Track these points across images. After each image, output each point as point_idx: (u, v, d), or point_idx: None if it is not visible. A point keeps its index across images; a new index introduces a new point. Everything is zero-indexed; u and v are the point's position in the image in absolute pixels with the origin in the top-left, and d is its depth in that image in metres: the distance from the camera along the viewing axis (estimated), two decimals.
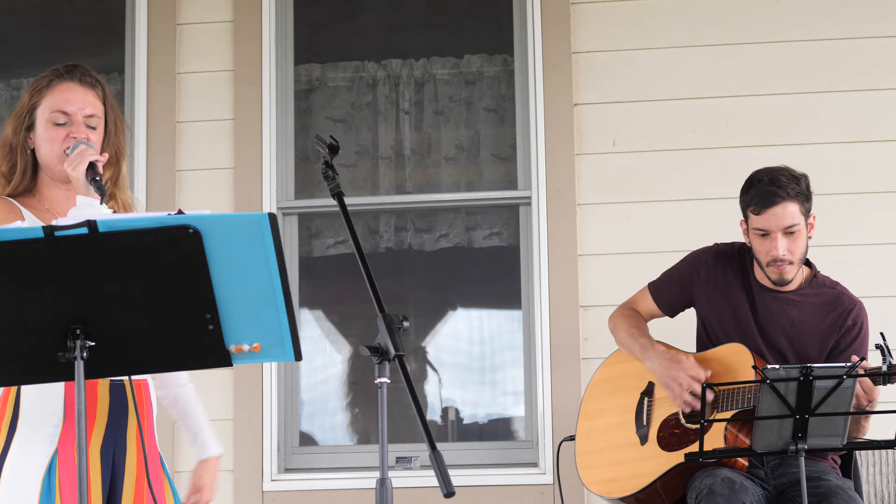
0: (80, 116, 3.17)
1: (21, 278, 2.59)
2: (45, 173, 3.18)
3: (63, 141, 3.13)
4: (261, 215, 2.62)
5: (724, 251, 4.28)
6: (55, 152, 3.14)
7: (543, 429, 5.00)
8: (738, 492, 3.83)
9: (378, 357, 2.73)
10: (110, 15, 5.49)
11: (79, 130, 3.14)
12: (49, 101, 3.16)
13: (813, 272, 4.20)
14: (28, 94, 3.19)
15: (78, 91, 3.18)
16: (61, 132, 3.14)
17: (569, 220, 5.08)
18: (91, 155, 3.05)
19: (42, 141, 3.16)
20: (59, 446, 3.05)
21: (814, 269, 4.21)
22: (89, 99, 3.19)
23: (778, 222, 4.02)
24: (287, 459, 5.16)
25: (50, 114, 3.15)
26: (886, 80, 5.02)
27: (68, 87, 3.17)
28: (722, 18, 5.12)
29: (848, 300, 4.15)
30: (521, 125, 5.24)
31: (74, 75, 3.19)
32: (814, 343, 4.13)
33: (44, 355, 2.64)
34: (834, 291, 4.17)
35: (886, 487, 4.68)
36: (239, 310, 2.66)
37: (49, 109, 3.16)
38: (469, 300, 5.52)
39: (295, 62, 5.41)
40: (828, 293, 4.17)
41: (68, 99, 3.16)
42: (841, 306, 4.14)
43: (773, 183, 4.03)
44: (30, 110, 3.17)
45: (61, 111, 3.15)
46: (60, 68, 3.21)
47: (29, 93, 3.19)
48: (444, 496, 2.57)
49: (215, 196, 5.21)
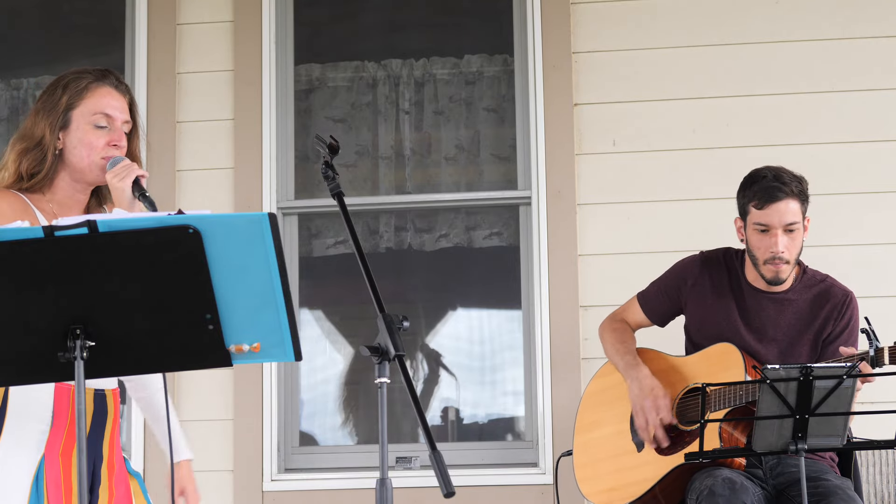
0: (119, 122, 3.18)
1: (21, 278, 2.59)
2: (70, 175, 3.17)
3: (104, 147, 3.14)
4: (261, 215, 2.62)
5: (710, 258, 4.29)
6: (93, 157, 3.14)
7: (543, 429, 5.00)
8: (738, 492, 3.84)
9: (378, 357, 2.73)
10: (110, 15, 5.49)
11: (120, 137, 3.15)
12: (90, 103, 3.15)
13: (802, 269, 4.22)
14: (62, 92, 3.15)
15: (116, 96, 3.18)
16: (102, 137, 3.14)
17: (569, 220, 5.08)
18: (138, 170, 3.08)
19: (79, 143, 3.14)
20: (46, 452, 3.06)
21: (802, 265, 4.22)
22: (125, 106, 3.20)
23: (780, 218, 4.04)
24: (287, 459, 5.16)
25: (92, 116, 3.14)
26: (886, 80, 5.02)
27: (108, 92, 3.17)
28: (722, 18, 5.12)
29: (839, 291, 4.17)
30: (521, 125, 5.24)
31: (111, 80, 3.19)
32: (809, 339, 4.13)
33: (44, 355, 2.64)
34: (824, 284, 4.20)
35: (886, 487, 4.68)
36: (239, 310, 2.66)
37: (91, 112, 3.14)
38: (469, 300, 5.52)
39: (295, 62, 5.41)
40: (818, 287, 4.19)
41: (111, 104, 3.16)
42: (834, 298, 4.16)
43: (776, 179, 4.05)
44: (66, 109, 3.14)
45: (105, 114, 3.15)
46: (96, 72, 3.19)
47: (64, 92, 3.15)
48: (444, 496, 2.57)
49: (215, 196, 5.21)
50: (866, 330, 3.80)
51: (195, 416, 5.10)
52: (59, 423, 3.08)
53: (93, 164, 3.14)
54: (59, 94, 3.14)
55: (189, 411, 5.12)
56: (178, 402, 5.11)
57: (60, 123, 3.14)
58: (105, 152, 3.14)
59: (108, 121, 3.15)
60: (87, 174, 3.16)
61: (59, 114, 3.13)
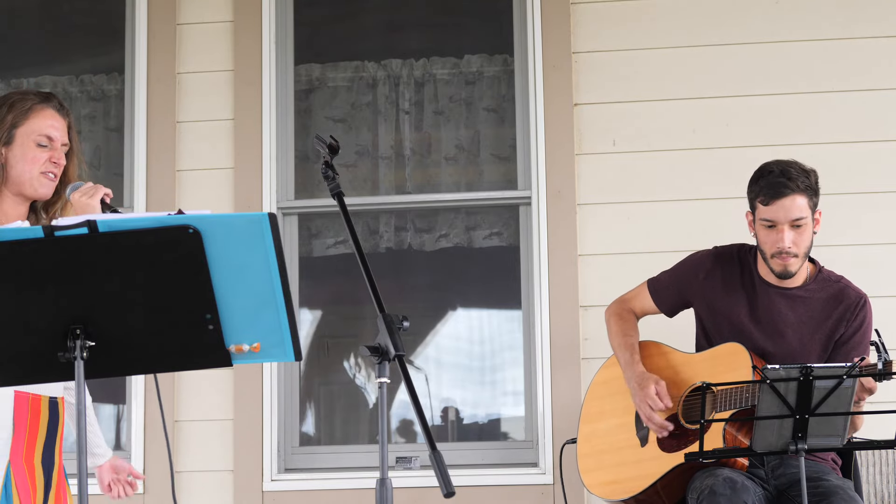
0: (58, 143, 3.35)
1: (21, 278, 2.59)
2: (10, 189, 3.32)
3: (44, 163, 3.32)
4: (261, 215, 2.62)
5: (724, 253, 4.28)
6: (34, 172, 3.31)
7: (543, 429, 5.00)
8: (739, 491, 3.83)
9: (378, 357, 2.73)
10: (110, 15, 5.49)
11: (60, 157, 3.34)
12: (34, 123, 3.33)
13: (818, 268, 4.21)
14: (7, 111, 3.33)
15: (58, 118, 3.37)
16: (43, 154, 3.32)
17: (569, 220, 5.08)
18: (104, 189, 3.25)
19: (21, 159, 3.31)
20: (11, 458, 3.16)
21: (818, 265, 4.22)
22: (65, 128, 3.38)
23: (786, 214, 4.03)
24: (287, 459, 5.16)
25: (37, 136, 3.32)
26: (886, 80, 5.02)
27: (51, 115, 3.36)
28: (722, 18, 5.12)
29: (854, 293, 4.17)
30: (521, 125, 5.24)
31: (54, 103, 3.38)
32: (820, 338, 4.13)
33: (44, 355, 2.64)
34: (839, 285, 4.19)
35: (886, 487, 4.68)
36: (239, 310, 2.66)
37: (35, 132, 3.32)
38: (469, 300, 5.52)
39: (295, 62, 5.41)
40: (833, 287, 4.18)
41: (53, 125, 3.35)
42: (847, 299, 4.15)
43: (783, 175, 4.04)
44: (11, 127, 3.32)
45: (47, 136, 3.33)
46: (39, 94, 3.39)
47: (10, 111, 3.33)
48: (444, 496, 2.57)
49: (215, 196, 5.21)
50: (875, 342, 3.78)
51: (195, 416, 5.10)
52: (19, 430, 3.18)
53: (33, 178, 3.31)
54: (5, 112, 3.33)
55: (189, 411, 5.12)
56: (178, 402, 5.12)
57: (5, 139, 3.31)
58: (44, 167, 3.32)
59: (48, 141, 3.33)
60: (27, 187, 3.31)
61: (4, 130, 3.31)
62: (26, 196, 3.33)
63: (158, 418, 5.10)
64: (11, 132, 3.30)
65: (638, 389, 4.14)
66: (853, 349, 4.08)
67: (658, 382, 4.12)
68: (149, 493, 5.06)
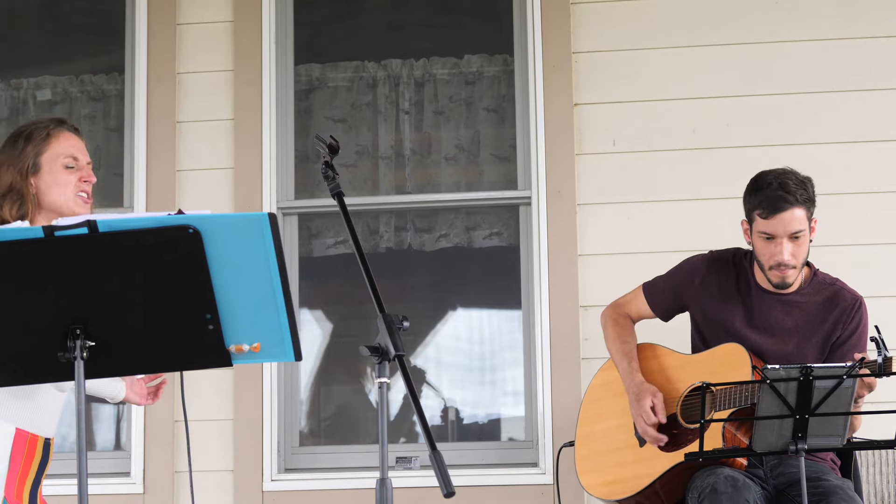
0: (83, 162, 3.40)
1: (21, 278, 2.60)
2: (45, 216, 3.36)
3: (76, 184, 3.37)
4: (261, 215, 2.62)
5: (719, 258, 4.28)
6: (68, 195, 3.36)
7: (543, 429, 5.00)
8: (741, 490, 3.84)
9: (378, 357, 2.73)
10: (110, 15, 5.49)
11: (89, 174, 3.39)
12: (56, 147, 3.38)
13: (812, 271, 4.21)
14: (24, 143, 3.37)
15: (77, 139, 3.43)
16: (73, 175, 3.37)
17: (569, 220, 5.08)
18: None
19: (53, 184, 3.35)
20: (5, 493, 3.20)
21: (812, 268, 4.22)
22: (84, 148, 3.44)
23: (786, 228, 4.02)
24: (287, 459, 5.16)
25: (63, 158, 3.37)
26: (886, 80, 5.02)
27: (70, 136, 3.42)
28: (722, 18, 5.12)
29: (849, 295, 4.16)
30: (521, 125, 5.24)
31: (68, 126, 3.44)
32: (817, 342, 4.13)
33: (44, 355, 2.64)
34: (834, 288, 4.18)
35: (886, 487, 4.68)
36: (239, 310, 2.66)
37: (60, 154, 3.37)
38: (469, 300, 5.52)
39: (295, 62, 5.41)
40: (828, 290, 4.18)
41: (75, 146, 3.40)
42: (843, 302, 4.15)
43: (782, 188, 4.02)
44: (34, 156, 3.35)
45: (72, 156, 3.38)
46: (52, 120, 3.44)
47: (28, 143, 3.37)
48: (444, 496, 2.57)
49: (215, 196, 5.21)
50: (875, 339, 3.78)
51: (195, 416, 5.09)
52: (14, 466, 3.21)
53: (69, 200, 3.36)
54: (22, 145, 3.37)
55: (189, 411, 5.10)
56: (178, 402, 5.10)
57: (32, 170, 3.34)
58: (78, 188, 3.36)
59: (74, 161, 3.38)
60: (65, 211, 3.35)
61: (27, 162, 3.34)
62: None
63: (158, 418, 5.11)
64: (36, 160, 3.34)
65: (635, 402, 4.15)
66: (850, 352, 4.08)
67: (655, 395, 4.12)
68: (149, 493, 5.06)
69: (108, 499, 4.97)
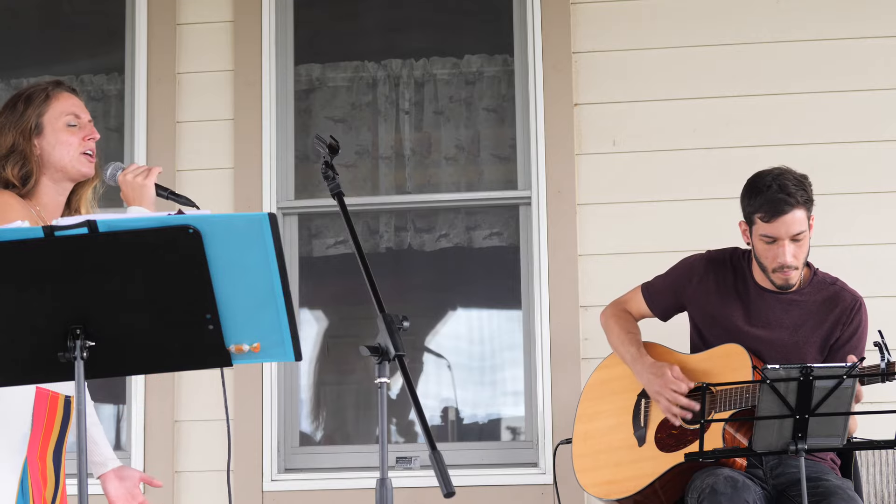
0: (85, 120, 3.39)
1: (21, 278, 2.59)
2: (51, 177, 3.35)
3: (80, 143, 3.35)
4: (261, 215, 2.62)
5: (717, 258, 4.28)
6: (73, 153, 3.35)
7: (543, 429, 5.00)
8: (740, 490, 3.83)
9: (378, 357, 2.73)
10: (110, 15, 5.49)
11: (91, 131, 3.38)
12: (57, 106, 3.37)
13: (812, 271, 4.21)
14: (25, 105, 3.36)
15: (76, 99, 3.42)
16: (77, 134, 3.36)
17: (569, 220, 5.08)
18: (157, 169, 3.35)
19: (57, 143, 3.34)
20: (28, 455, 3.17)
21: (812, 267, 4.22)
22: (83, 106, 3.43)
23: (787, 230, 4.02)
24: (287, 459, 5.16)
25: (64, 117, 3.36)
26: (886, 80, 5.02)
27: (69, 96, 3.40)
28: (722, 18, 5.12)
29: (849, 295, 4.16)
30: (521, 125, 5.24)
31: (66, 86, 3.43)
32: (816, 342, 4.13)
33: (44, 355, 2.64)
34: (834, 287, 4.18)
35: (886, 487, 4.68)
36: (239, 310, 2.66)
37: (62, 113, 3.36)
38: (469, 300, 5.52)
39: (295, 62, 5.41)
40: (828, 290, 4.17)
41: (75, 104, 3.39)
42: (843, 302, 4.15)
43: (782, 190, 4.01)
44: (36, 118, 3.34)
45: (73, 114, 3.37)
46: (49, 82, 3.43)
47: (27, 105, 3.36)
48: (444, 496, 2.57)
49: (215, 196, 5.21)
50: (879, 344, 3.78)
51: (195, 416, 5.10)
52: (37, 427, 3.19)
53: (73, 159, 3.34)
54: (22, 107, 3.36)
55: (189, 411, 5.12)
56: (178, 402, 5.12)
57: (35, 131, 3.33)
58: (82, 147, 3.35)
59: (76, 119, 3.37)
60: (70, 171, 3.35)
61: (29, 123, 3.33)
62: (71, 178, 3.36)
63: (158, 418, 5.10)
64: (38, 121, 3.33)
65: (655, 378, 4.11)
66: (849, 353, 4.08)
67: (672, 367, 4.10)
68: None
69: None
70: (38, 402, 3.18)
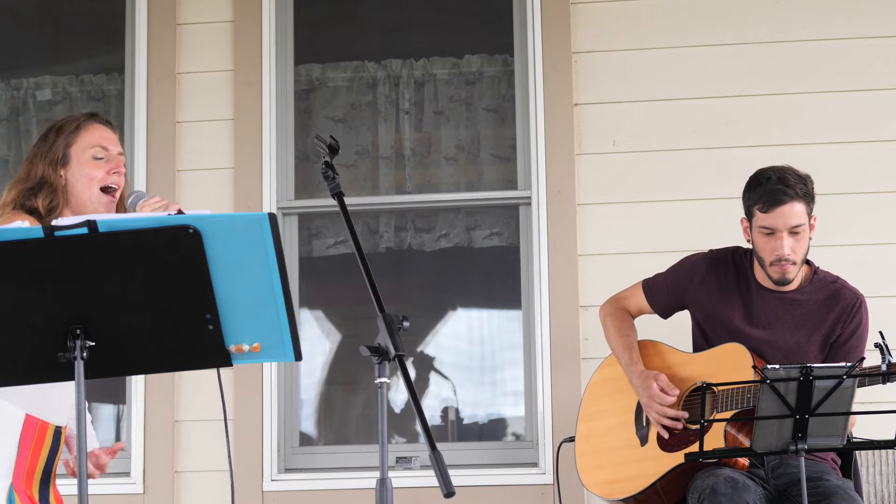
0: (114, 153, 3.40)
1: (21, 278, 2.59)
2: (72, 210, 3.35)
3: (103, 177, 3.36)
4: (261, 215, 2.62)
5: (718, 257, 4.28)
6: (93, 188, 3.35)
7: (543, 429, 5.00)
8: (741, 491, 3.83)
9: (378, 357, 2.73)
10: (110, 15, 5.49)
11: (118, 165, 3.38)
12: (86, 138, 3.38)
13: (813, 269, 4.21)
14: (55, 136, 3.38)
15: (108, 131, 3.42)
16: (102, 167, 3.36)
17: (569, 220, 5.08)
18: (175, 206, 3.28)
19: (81, 176, 3.35)
20: (13, 480, 3.17)
21: (813, 266, 4.22)
22: (116, 139, 3.44)
23: (785, 221, 4.03)
24: (287, 459, 5.16)
25: (91, 149, 3.37)
26: (886, 80, 5.02)
27: (100, 128, 3.41)
28: (722, 18, 5.12)
29: (850, 293, 4.17)
30: (521, 125, 5.24)
31: (100, 119, 3.43)
32: (817, 340, 4.13)
33: (44, 355, 2.64)
34: (835, 286, 4.18)
35: (886, 487, 4.68)
36: (239, 310, 2.66)
37: (89, 145, 3.37)
38: (469, 300, 5.52)
39: (295, 62, 5.41)
40: (829, 288, 4.18)
41: (104, 137, 3.40)
42: (844, 301, 4.15)
43: (781, 182, 4.04)
44: (64, 148, 3.36)
45: (101, 146, 3.37)
46: (83, 113, 3.45)
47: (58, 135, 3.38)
48: (444, 496, 2.57)
49: (215, 196, 5.21)
50: (880, 345, 3.78)
51: (195, 416, 5.10)
52: (23, 452, 3.19)
53: (93, 194, 3.35)
54: (53, 137, 3.37)
55: (189, 411, 5.12)
56: (178, 402, 5.12)
57: (61, 162, 3.34)
58: (104, 181, 3.35)
59: (104, 152, 3.37)
60: (88, 205, 3.35)
61: (57, 154, 3.34)
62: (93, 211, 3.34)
63: (158, 418, 5.10)
64: (66, 152, 3.35)
65: (642, 390, 4.14)
66: (850, 351, 4.08)
67: (658, 378, 4.12)
68: (149, 493, 5.06)
69: (108, 499, 4.96)
70: (25, 429, 3.19)
